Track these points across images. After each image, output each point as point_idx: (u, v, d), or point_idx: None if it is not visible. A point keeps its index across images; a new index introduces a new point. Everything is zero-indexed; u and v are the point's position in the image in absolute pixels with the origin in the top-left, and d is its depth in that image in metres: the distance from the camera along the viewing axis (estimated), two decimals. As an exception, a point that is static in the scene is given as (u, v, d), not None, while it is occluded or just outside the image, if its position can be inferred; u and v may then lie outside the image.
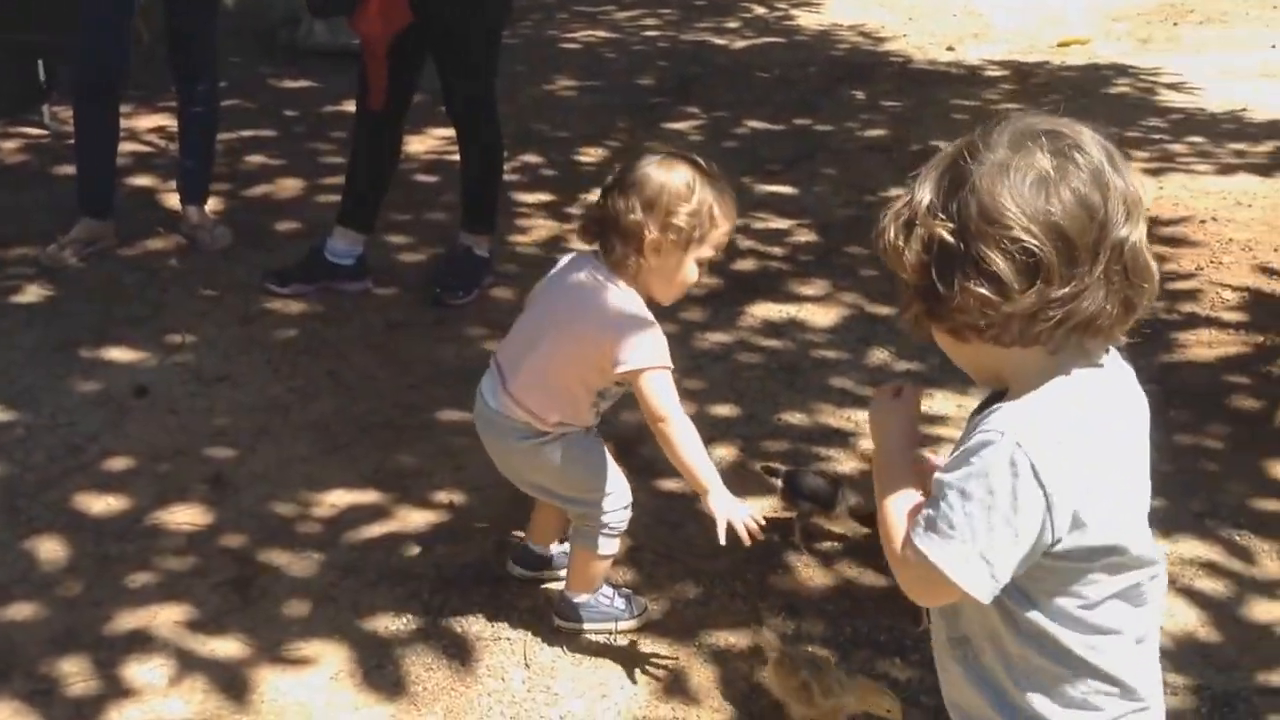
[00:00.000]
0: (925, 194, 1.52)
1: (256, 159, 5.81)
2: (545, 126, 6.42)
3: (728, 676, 2.81)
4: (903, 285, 1.58)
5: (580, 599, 2.88)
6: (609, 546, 2.83)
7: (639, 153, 2.68)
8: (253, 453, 3.59)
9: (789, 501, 3.21)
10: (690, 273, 2.59)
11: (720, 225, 2.56)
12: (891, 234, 1.55)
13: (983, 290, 1.46)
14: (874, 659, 2.85)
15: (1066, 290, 1.45)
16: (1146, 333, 1.54)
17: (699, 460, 2.56)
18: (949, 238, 1.48)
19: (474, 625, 2.94)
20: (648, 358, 2.54)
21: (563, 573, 2.97)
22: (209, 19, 4.68)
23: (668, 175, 2.53)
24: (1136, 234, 1.49)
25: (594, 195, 5.39)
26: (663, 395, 2.54)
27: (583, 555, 2.84)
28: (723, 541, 2.48)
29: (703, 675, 2.82)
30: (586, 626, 2.89)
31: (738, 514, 2.50)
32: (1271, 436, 3.79)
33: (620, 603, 2.92)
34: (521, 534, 3.13)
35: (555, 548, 3.07)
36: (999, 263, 1.45)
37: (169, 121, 5.23)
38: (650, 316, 2.59)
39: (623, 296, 2.57)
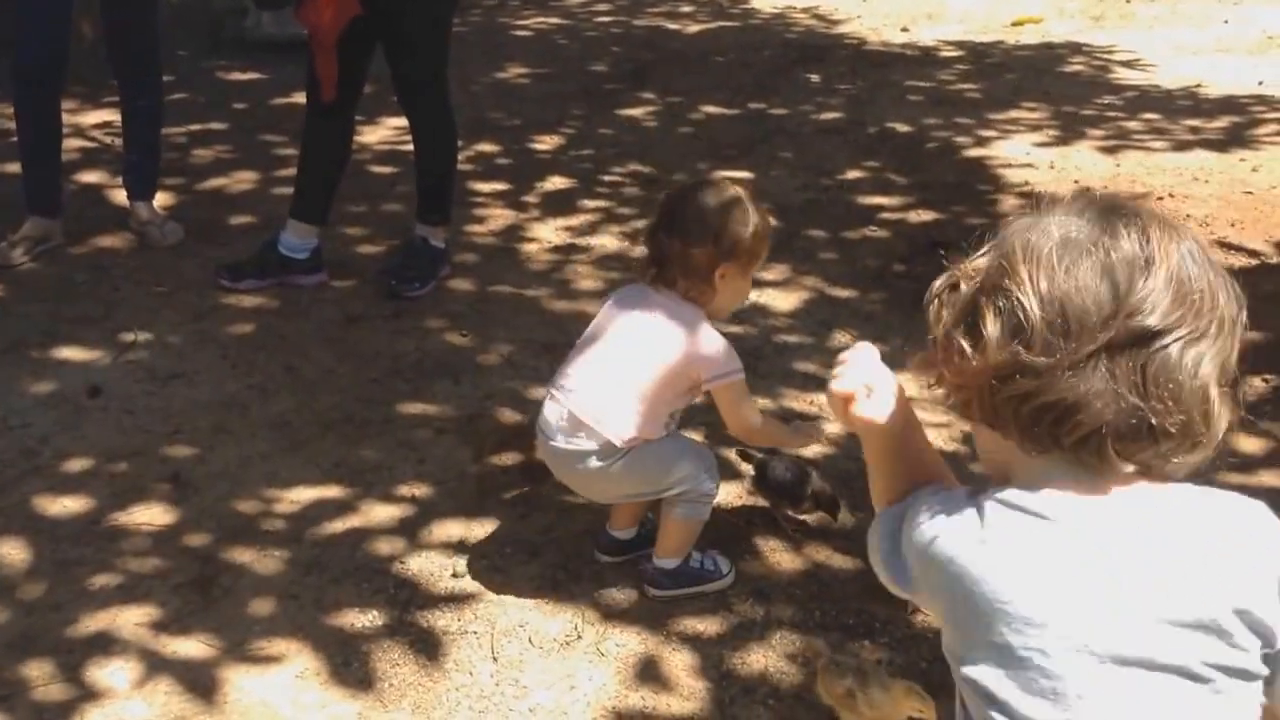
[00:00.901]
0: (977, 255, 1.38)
1: (206, 153, 5.74)
2: (499, 115, 6.38)
3: (697, 664, 2.79)
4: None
5: (672, 564, 2.95)
6: (701, 512, 2.92)
7: (681, 185, 2.94)
8: (211, 451, 3.54)
9: (759, 490, 3.23)
10: (747, 292, 2.92)
11: (767, 247, 2.82)
12: (936, 286, 1.40)
13: (962, 341, 1.32)
14: (844, 642, 2.84)
15: (1044, 360, 1.26)
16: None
17: (784, 437, 3.07)
18: (964, 288, 1.35)
19: (439, 620, 2.91)
20: (733, 370, 2.79)
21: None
22: (149, 9, 4.60)
23: (725, 206, 2.72)
24: (1183, 345, 1.26)
25: (551, 182, 5.46)
26: (746, 402, 2.89)
27: (679, 523, 2.92)
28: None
29: (672, 663, 2.80)
30: (681, 592, 2.95)
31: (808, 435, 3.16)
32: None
33: (710, 564, 2.99)
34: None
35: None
36: (988, 317, 1.30)
37: (115, 117, 5.14)
38: (716, 331, 2.80)
39: (689, 315, 2.76)
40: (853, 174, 5.64)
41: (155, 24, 4.65)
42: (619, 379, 2.75)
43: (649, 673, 2.78)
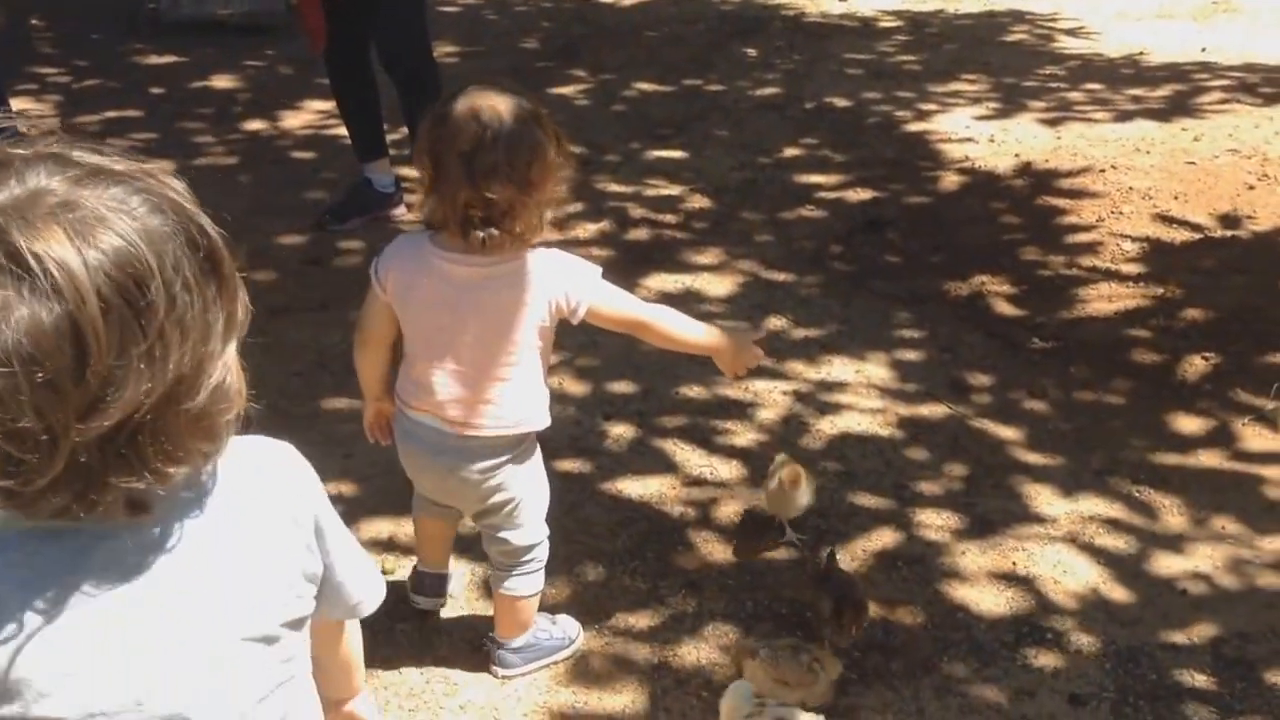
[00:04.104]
0: None
1: (121, 141, 5.55)
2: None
3: (629, 657, 2.74)
4: None
5: (519, 643, 2.68)
6: (535, 585, 2.64)
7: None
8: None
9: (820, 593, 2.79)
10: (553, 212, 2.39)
11: (563, 140, 2.34)
12: None
13: None
14: (776, 632, 2.79)
15: None
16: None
17: (695, 332, 2.55)
18: None
19: (368, 618, 2.81)
20: (592, 276, 2.38)
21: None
22: None
23: (504, 125, 2.21)
24: None
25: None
26: (625, 300, 2.46)
27: (513, 602, 2.63)
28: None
29: (603, 657, 2.74)
30: (528, 669, 2.70)
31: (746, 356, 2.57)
32: (1172, 391, 3.79)
33: (560, 632, 2.74)
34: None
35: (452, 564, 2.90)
36: None
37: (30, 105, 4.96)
38: (547, 249, 2.38)
39: (517, 262, 2.32)
40: (790, 151, 5.56)
41: None
42: (474, 369, 2.38)
43: (581, 667, 2.72)
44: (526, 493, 2.54)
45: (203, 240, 1.06)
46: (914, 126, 5.84)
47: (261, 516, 1.24)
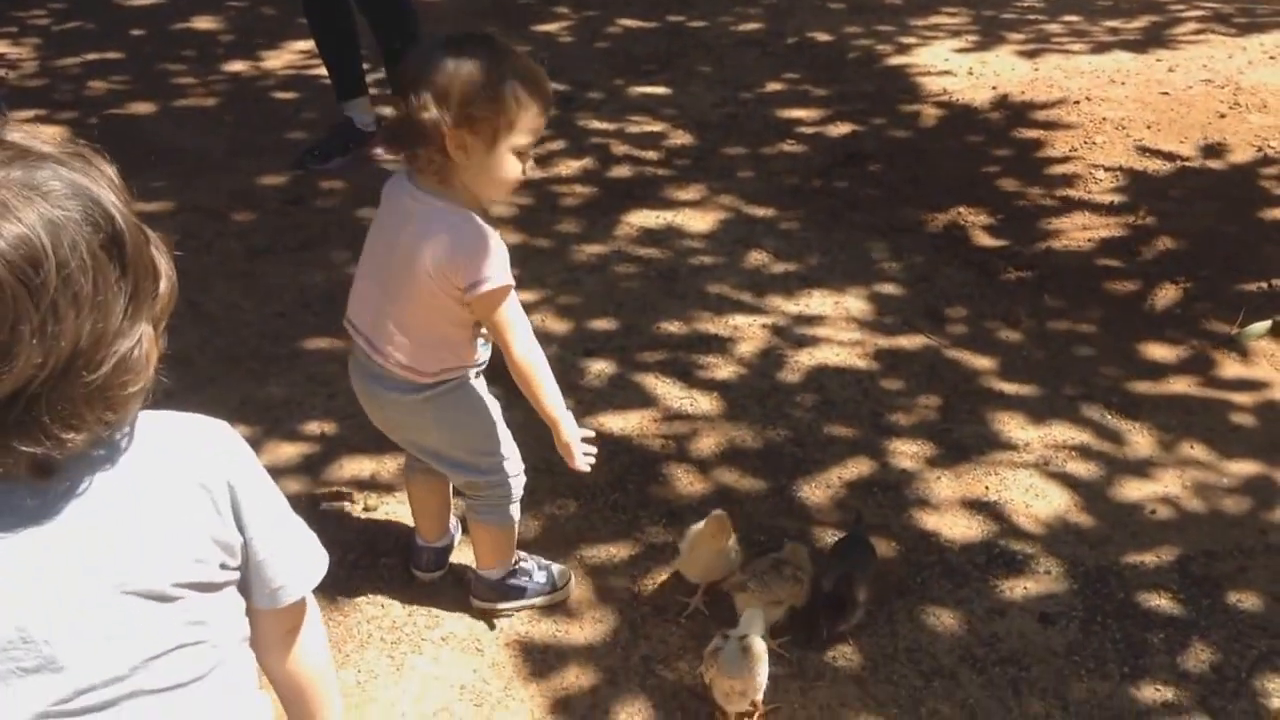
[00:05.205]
0: None
1: (102, 84, 5.53)
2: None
3: (608, 588, 2.79)
4: None
5: (494, 575, 2.70)
6: (505, 518, 2.62)
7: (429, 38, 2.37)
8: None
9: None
10: (511, 167, 2.22)
11: (529, 107, 2.18)
12: None
13: None
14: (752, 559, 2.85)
15: None
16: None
17: (546, 396, 2.38)
18: None
19: (350, 553, 2.88)
20: (489, 278, 2.23)
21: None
22: None
23: (457, 60, 2.15)
24: None
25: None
26: (514, 322, 2.29)
27: (482, 531, 2.65)
28: (585, 469, 2.42)
29: (583, 588, 2.79)
30: (503, 607, 2.72)
31: (579, 445, 2.41)
32: (1144, 318, 3.84)
33: (541, 576, 2.75)
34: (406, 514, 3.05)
35: (453, 525, 2.90)
36: None
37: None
38: (485, 229, 2.26)
39: (448, 215, 2.24)
40: (771, 87, 5.55)
41: None
42: (397, 302, 2.33)
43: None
44: (452, 434, 2.49)
45: (106, 224, 1.10)
46: (894, 60, 5.82)
47: (167, 480, 1.25)
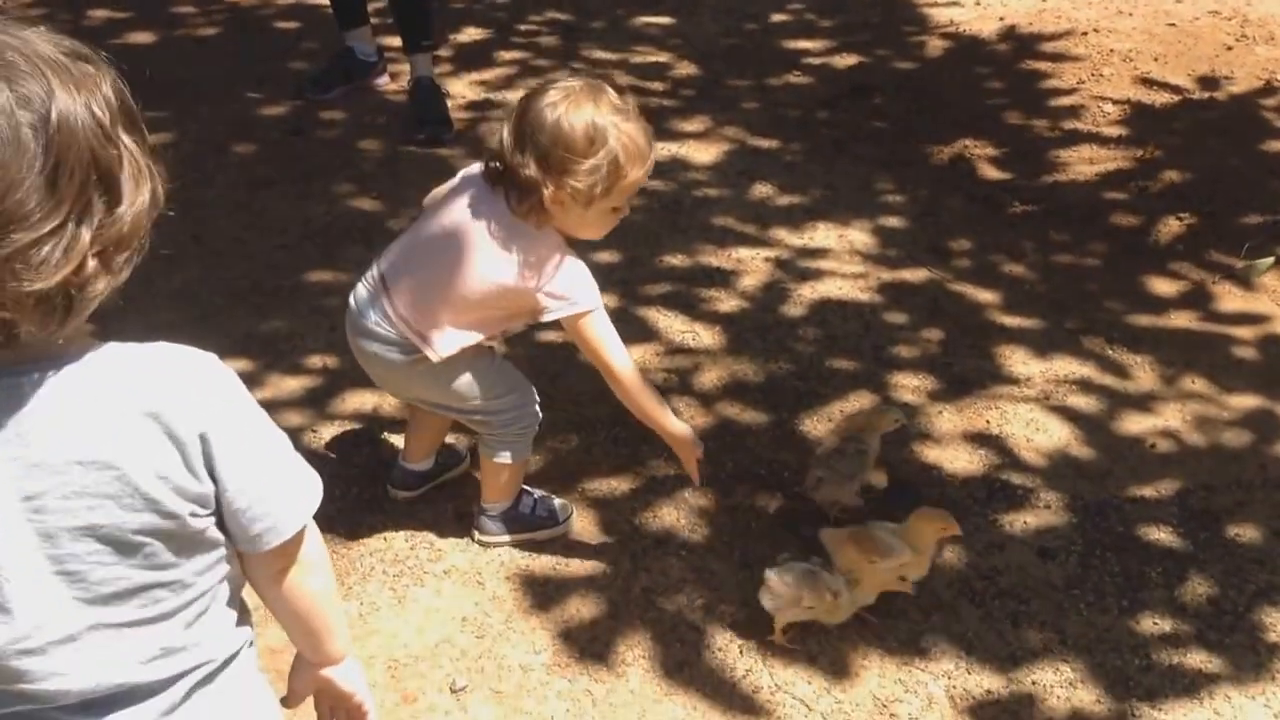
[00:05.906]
0: None
1: (101, 12, 5.48)
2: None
3: (608, 521, 2.81)
4: None
5: (498, 508, 2.73)
6: (519, 453, 2.66)
7: (543, 82, 2.38)
8: (115, 323, 3.44)
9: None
10: (606, 221, 2.37)
11: (629, 175, 2.28)
12: None
13: None
14: (754, 493, 2.87)
15: None
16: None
17: (655, 408, 2.48)
18: None
19: (354, 487, 2.89)
20: (579, 303, 2.35)
21: (448, 475, 2.90)
22: None
23: (559, 120, 2.23)
24: None
25: (465, 34, 5.28)
26: (604, 340, 2.39)
27: (491, 466, 2.67)
28: (698, 483, 2.66)
29: (584, 521, 2.81)
30: (508, 539, 2.75)
31: (697, 453, 2.56)
32: (1148, 252, 3.82)
33: (544, 510, 2.78)
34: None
35: (462, 450, 2.94)
36: None
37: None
38: (569, 254, 2.36)
39: (535, 239, 2.33)
40: (777, 17, 5.49)
41: None
42: (439, 289, 2.38)
43: (563, 532, 2.79)
44: (449, 391, 2.51)
45: (41, 108, 1.10)
46: (902, -10, 5.75)
47: (107, 413, 1.24)
